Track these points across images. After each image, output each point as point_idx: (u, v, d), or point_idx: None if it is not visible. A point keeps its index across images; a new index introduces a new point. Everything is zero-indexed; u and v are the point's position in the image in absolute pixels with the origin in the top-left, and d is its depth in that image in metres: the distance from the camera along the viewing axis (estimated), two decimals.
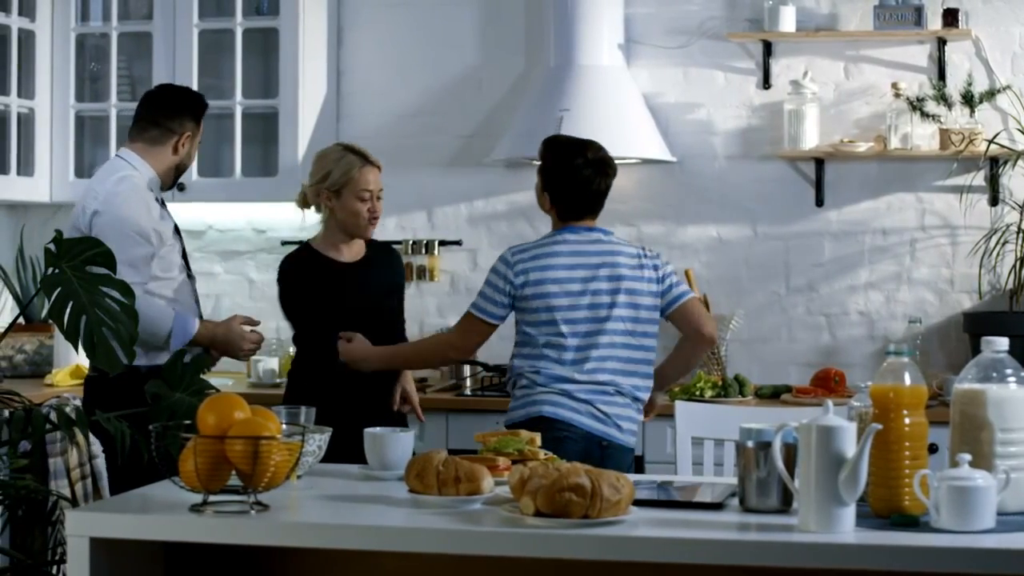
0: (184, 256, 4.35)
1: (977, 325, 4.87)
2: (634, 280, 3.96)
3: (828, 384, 4.95)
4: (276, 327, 5.64)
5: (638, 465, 4.56)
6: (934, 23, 5.08)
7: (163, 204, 4.32)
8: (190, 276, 4.37)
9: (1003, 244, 5.02)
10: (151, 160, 4.25)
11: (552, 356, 3.92)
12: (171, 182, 4.35)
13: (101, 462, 3.84)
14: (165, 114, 4.27)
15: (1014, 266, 4.98)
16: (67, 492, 3.61)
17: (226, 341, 4.24)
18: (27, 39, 5.49)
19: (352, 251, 4.30)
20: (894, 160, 5.16)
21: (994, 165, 5.06)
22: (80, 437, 3.58)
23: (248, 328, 4.30)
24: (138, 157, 4.24)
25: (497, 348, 5.42)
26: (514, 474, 2.63)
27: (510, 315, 4.02)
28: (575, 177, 3.99)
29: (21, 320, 5.51)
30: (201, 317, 4.35)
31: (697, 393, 4.86)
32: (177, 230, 4.33)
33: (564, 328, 3.91)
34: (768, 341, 5.30)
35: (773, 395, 4.96)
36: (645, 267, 3.99)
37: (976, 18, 5.12)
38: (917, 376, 2.66)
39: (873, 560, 2.44)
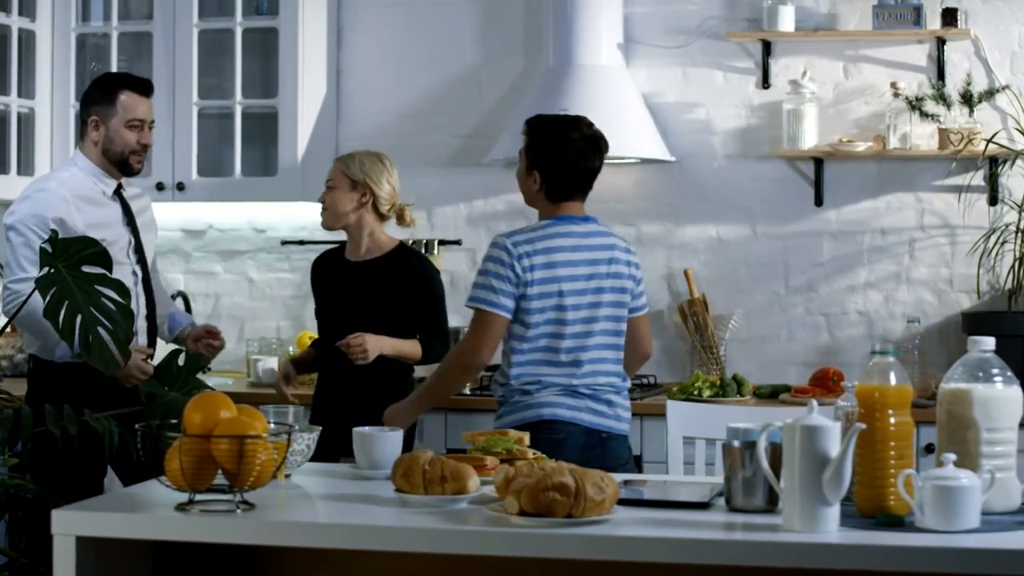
0: (141, 258, 4.25)
1: (976, 325, 4.85)
2: (626, 278, 3.93)
3: (827, 384, 4.94)
4: (276, 327, 5.65)
5: (636, 464, 4.55)
6: (933, 23, 5.07)
7: (121, 198, 4.26)
8: (147, 281, 4.26)
9: (1002, 244, 5.00)
10: (86, 153, 4.24)
11: (550, 360, 3.81)
12: (121, 169, 4.23)
13: None
14: (80, 109, 4.33)
15: (1013, 266, 4.97)
16: None
17: None
18: (27, 39, 5.50)
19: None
20: (893, 160, 5.15)
21: (993, 165, 5.05)
22: None
23: (141, 357, 4.05)
24: (79, 152, 4.27)
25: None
26: (499, 473, 2.63)
27: None
28: (568, 152, 3.84)
29: None
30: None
31: (695, 393, 4.83)
32: (130, 228, 4.25)
33: (567, 328, 3.80)
34: (767, 341, 5.29)
35: (772, 395, 4.95)
36: (632, 264, 3.96)
37: (975, 18, 5.11)
38: (903, 376, 2.66)
39: (857, 560, 2.44)
